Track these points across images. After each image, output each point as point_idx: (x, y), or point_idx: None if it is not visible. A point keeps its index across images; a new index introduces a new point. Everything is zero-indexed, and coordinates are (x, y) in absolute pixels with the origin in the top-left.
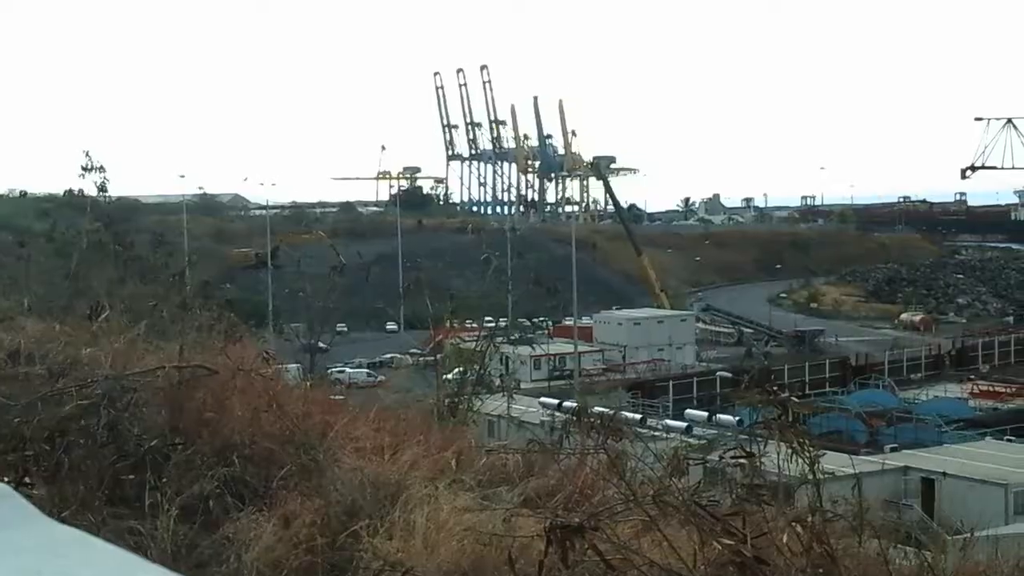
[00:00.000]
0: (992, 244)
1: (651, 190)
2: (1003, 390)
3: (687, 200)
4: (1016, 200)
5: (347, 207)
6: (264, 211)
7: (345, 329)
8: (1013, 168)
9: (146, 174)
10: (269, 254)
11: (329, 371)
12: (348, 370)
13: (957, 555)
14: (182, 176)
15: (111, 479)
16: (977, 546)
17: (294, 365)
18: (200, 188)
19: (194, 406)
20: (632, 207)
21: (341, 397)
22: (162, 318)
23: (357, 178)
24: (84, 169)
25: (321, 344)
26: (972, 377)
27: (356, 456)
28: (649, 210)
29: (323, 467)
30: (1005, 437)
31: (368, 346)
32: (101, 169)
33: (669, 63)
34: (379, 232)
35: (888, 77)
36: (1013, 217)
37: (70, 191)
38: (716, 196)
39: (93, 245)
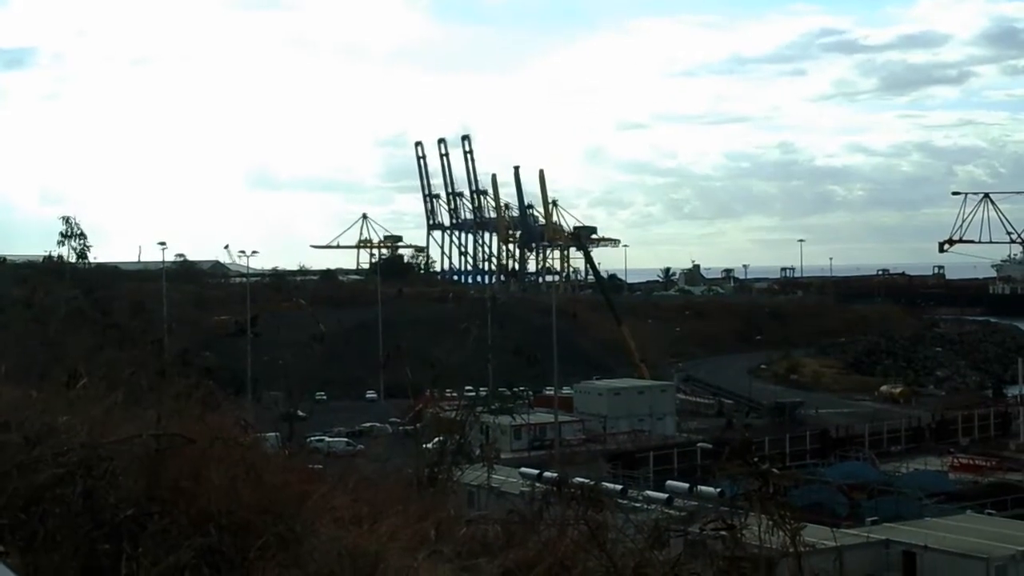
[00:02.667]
0: (970, 318)
1: (631, 260)
2: (983, 463)
3: (667, 270)
4: (993, 274)
5: (328, 275)
6: (244, 278)
7: (324, 397)
8: (990, 242)
9: (126, 241)
10: (249, 322)
11: (308, 440)
12: (327, 439)
13: None
14: (162, 243)
15: (87, 548)
16: None
17: (272, 433)
18: (180, 255)
19: (171, 475)
20: (612, 277)
21: (319, 466)
22: (140, 385)
23: (339, 246)
24: (63, 235)
25: (300, 412)
26: (952, 450)
27: (334, 526)
28: (629, 280)
29: (301, 537)
30: (985, 510)
31: (347, 415)
32: (81, 236)
33: (649, 130)
34: (359, 300)
35: (859, 151)
36: (991, 291)
37: (49, 257)
38: (696, 267)
39: (71, 311)
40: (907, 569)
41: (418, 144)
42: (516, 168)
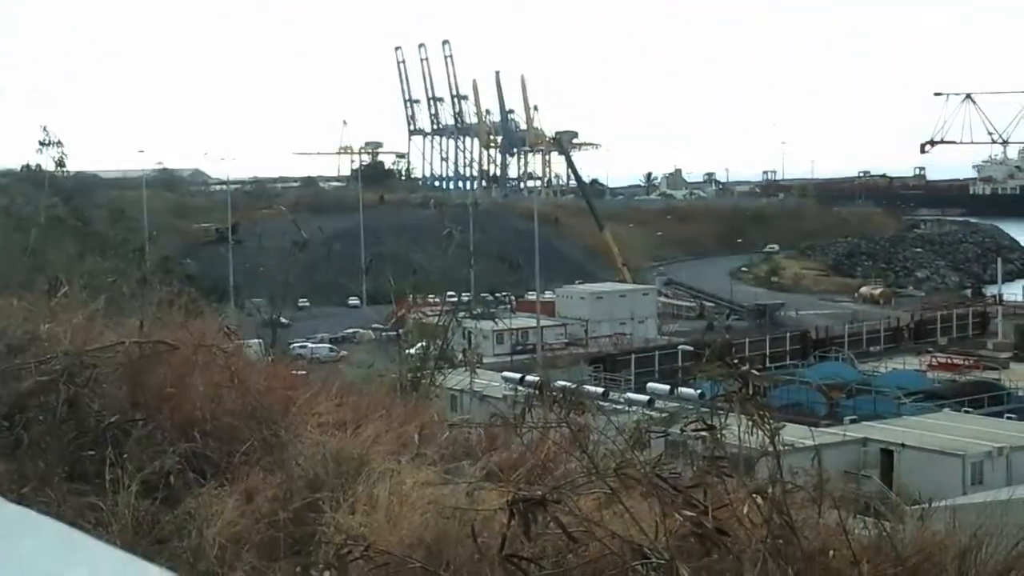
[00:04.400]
0: (951, 218)
1: (613, 164)
2: (960, 362)
3: (649, 175)
4: (974, 174)
5: (309, 182)
6: (225, 186)
7: (307, 304)
8: (971, 143)
9: (105, 149)
10: (230, 229)
11: (291, 346)
12: (310, 345)
13: (915, 525)
14: (141, 151)
15: (71, 455)
16: (935, 516)
17: (255, 340)
18: (160, 163)
19: (155, 382)
20: (594, 182)
21: (303, 372)
22: (122, 293)
23: (319, 153)
24: (42, 144)
25: (283, 319)
26: (930, 350)
27: (318, 431)
28: (611, 185)
29: (285, 442)
30: (962, 409)
31: (330, 321)
32: (59, 144)
33: (631, 38)
34: (341, 207)
35: (849, 52)
36: (971, 191)
37: (27, 166)
38: (678, 171)
39: (51, 220)
40: (885, 466)
41: (398, 49)
42: (497, 73)
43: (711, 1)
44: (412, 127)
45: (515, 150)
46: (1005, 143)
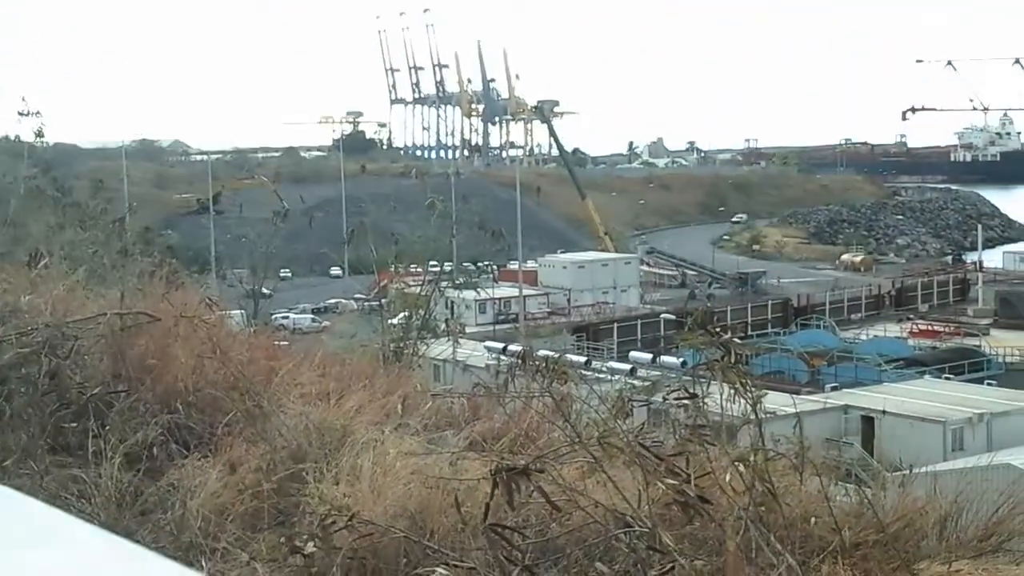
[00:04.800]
0: (931, 185)
1: (595, 134)
2: (941, 329)
3: (631, 144)
4: (955, 141)
5: (290, 152)
6: (205, 156)
7: (289, 274)
8: (952, 110)
9: (84, 119)
10: (211, 199)
11: (273, 317)
12: (292, 315)
13: (896, 491)
14: (121, 122)
15: (53, 427)
16: (916, 482)
17: (237, 311)
18: (139, 137)
19: (136, 353)
20: (576, 151)
21: (285, 343)
22: (103, 265)
23: (307, 123)
24: (20, 114)
25: (265, 290)
26: (911, 317)
27: (301, 402)
28: (593, 154)
29: (268, 413)
30: (943, 375)
31: (312, 291)
32: (38, 114)
33: (612, 6)
34: (322, 177)
35: (830, 20)
36: (952, 158)
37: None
38: (660, 140)
39: (31, 191)
40: (866, 433)
41: (378, 17)
42: (478, 42)
43: None
44: (393, 96)
45: (497, 119)
46: (986, 110)
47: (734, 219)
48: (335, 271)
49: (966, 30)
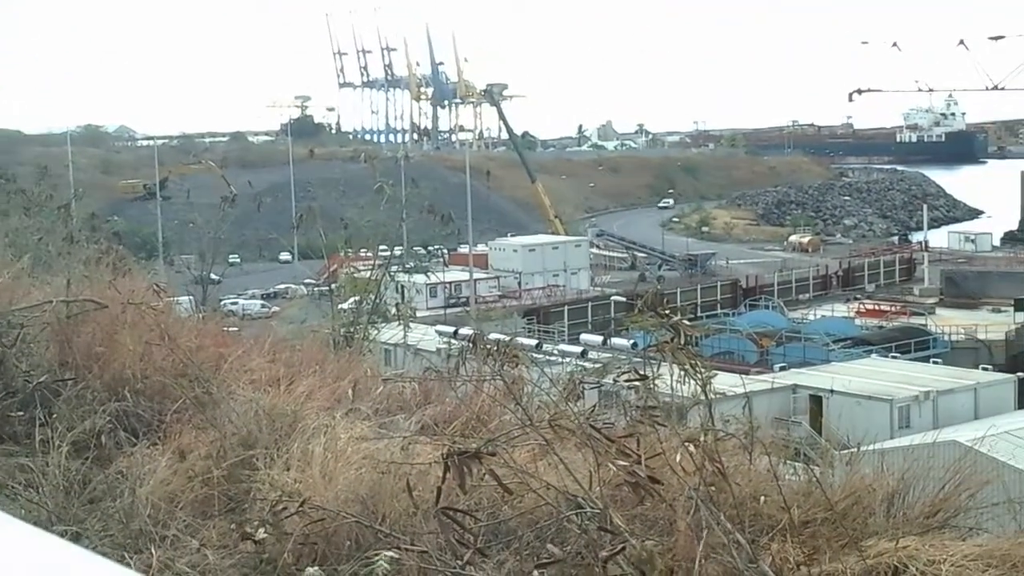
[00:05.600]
0: (878, 166)
1: (544, 117)
2: (887, 308)
3: (580, 127)
4: (901, 122)
5: (237, 136)
6: (152, 141)
7: (238, 260)
8: (898, 91)
9: (28, 105)
10: (158, 185)
11: (222, 303)
12: (241, 301)
13: (844, 469)
14: (66, 108)
15: (0, 416)
16: (863, 460)
17: (186, 297)
18: (85, 123)
19: (83, 341)
20: (525, 134)
21: (234, 329)
22: (48, 252)
23: (250, 109)
24: None
25: (213, 276)
26: (858, 297)
27: (251, 388)
28: (542, 137)
29: (217, 399)
30: (890, 354)
31: (261, 277)
32: None
33: None
34: (270, 162)
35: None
36: (898, 139)
37: None
38: (609, 122)
39: None
40: (814, 412)
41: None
42: (427, 25)
43: None
44: (341, 80)
45: (446, 103)
46: (931, 91)
47: (660, 204)
48: (284, 256)
49: (911, 11)
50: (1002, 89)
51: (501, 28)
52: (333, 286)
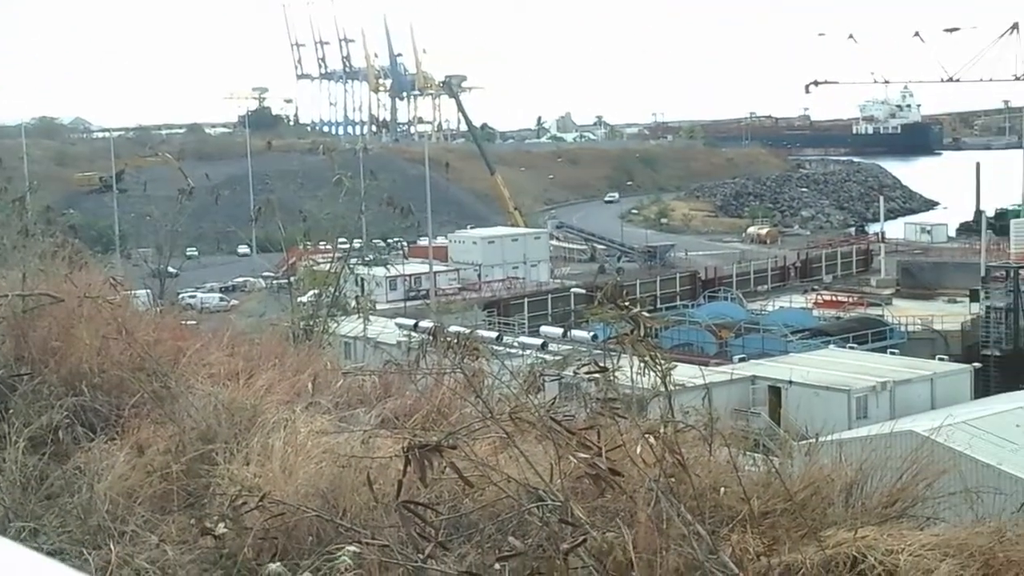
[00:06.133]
0: (834, 158)
1: (503, 109)
2: (845, 299)
3: (539, 119)
4: (857, 114)
5: (194, 128)
6: (107, 133)
7: (195, 253)
8: (854, 83)
9: None
10: (114, 177)
11: (180, 296)
12: (199, 295)
13: (803, 460)
14: (20, 101)
15: None
16: (822, 451)
17: (143, 291)
18: (39, 115)
19: (39, 335)
20: (484, 126)
21: (193, 323)
22: (3, 245)
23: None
24: None
25: (171, 269)
26: (815, 288)
27: (210, 382)
28: (501, 129)
29: (176, 394)
30: (847, 345)
31: (219, 270)
32: None
33: None
34: (227, 154)
35: None
36: (854, 130)
37: None
38: (568, 114)
39: None
40: (773, 403)
41: None
42: (384, 16)
43: None
44: (299, 72)
45: (404, 94)
46: (886, 83)
47: (607, 198)
48: (243, 249)
49: (867, 4)
50: (957, 81)
51: (460, 20)
52: (292, 279)
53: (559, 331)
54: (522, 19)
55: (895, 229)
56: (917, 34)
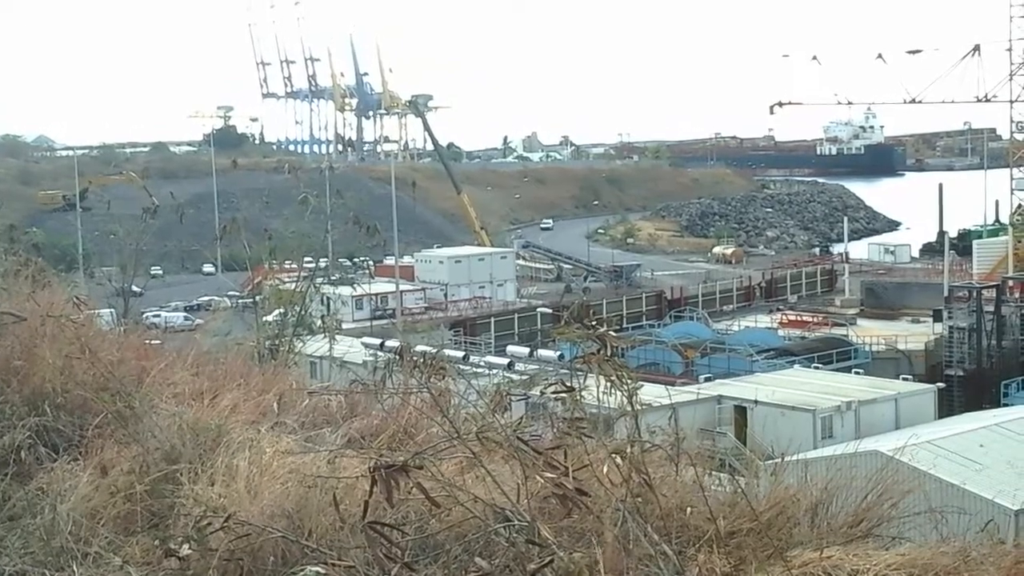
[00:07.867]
0: (799, 178)
1: (469, 128)
2: (810, 319)
3: (505, 138)
4: (821, 135)
5: (158, 147)
6: (71, 151)
7: (160, 272)
8: (818, 104)
9: None
10: (78, 196)
11: (144, 315)
12: (164, 314)
13: (769, 480)
14: None
15: None
16: (787, 470)
17: (107, 310)
18: (2, 133)
19: (1, 354)
20: (451, 145)
21: (157, 342)
22: None
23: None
24: None
25: (135, 288)
26: (781, 308)
27: (174, 402)
28: (468, 148)
29: (140, 414)
30: (812, 365)
31: (184, 289)
32: None
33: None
34: (192, 172)
35: (702, 16)
36: (818, 151)
37: None
38: (534, 134)
39: None
40: (739, 423)
41: (248, 9)
42: (350, 36)
43: None
44: (265, 90)
45: (371, 113)
46: (850, 104)
47: (542, 225)
48: (208, 268)
49: (831, 25)
50: (919, 102)
51: (426, 39)
52: (257, 298)
53: (526, 351)
54: (489, 40)
55: (859, 249)
56: (880, 56)
